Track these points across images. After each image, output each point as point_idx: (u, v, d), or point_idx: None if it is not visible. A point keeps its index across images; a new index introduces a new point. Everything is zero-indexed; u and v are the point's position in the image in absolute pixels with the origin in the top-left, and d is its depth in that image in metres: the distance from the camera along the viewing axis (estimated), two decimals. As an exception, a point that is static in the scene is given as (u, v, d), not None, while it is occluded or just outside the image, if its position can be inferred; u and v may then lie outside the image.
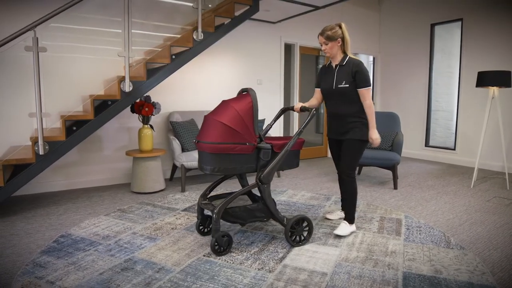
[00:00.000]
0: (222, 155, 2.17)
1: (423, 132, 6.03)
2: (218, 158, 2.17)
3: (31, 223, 2.79)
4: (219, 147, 2.14)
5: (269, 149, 2.30)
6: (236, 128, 2.18)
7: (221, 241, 2.25)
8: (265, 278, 1.97)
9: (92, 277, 1.96)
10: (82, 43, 3.70)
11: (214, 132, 2.16)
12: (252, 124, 2.24)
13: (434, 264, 2.15)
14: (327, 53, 2.60)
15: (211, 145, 2.14)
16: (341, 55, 2.59)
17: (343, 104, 2.56)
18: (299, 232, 2.43)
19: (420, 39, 5.96)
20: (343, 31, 2.55)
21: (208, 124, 2.22)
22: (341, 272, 2.04)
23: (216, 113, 2.23)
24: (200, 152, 2.26)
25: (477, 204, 3.40)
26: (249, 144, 2.23)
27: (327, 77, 2.63)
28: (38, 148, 2.83)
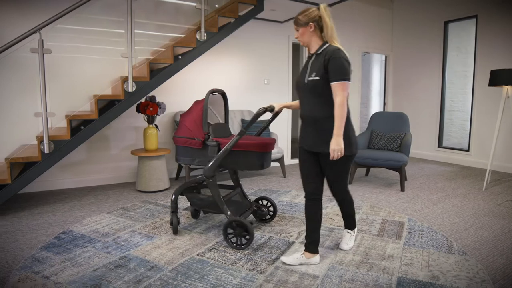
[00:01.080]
0: (182, 148, 2.63)
1: (436, 132, 5.84)
2: (181, 150, 2.65)
3: (36, 219, 2.88)
4: (178, 140, 2.63)
5: (214, 146, 2.48)
6: (189, 126, 2.59)
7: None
8: (254, 279, 1.96)
9: (86, 273, 2.01)
10: (89, 44, 3.79)
11: (179, 129, 2.65)
12: (201, 123, 2.53)
13: (432, 270, 2.08)
14: (301, 42, 2.12)
15: (175, 138, 2.65)
16: (318, 43, 2.07)
17: (316, 104, 2.05)
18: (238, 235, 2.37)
19: (433, 37, 5.77)
20: (321, 14, 2.03)
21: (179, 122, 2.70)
22: (333, 276, 2.00)
23: (183, 114, 2.69)
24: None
25: (486, 208, 3.26)
26: (197, 139, 2.54)
27: (302, 70, 2.14)
28: (43, 147, 2.93)
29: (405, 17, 6.25)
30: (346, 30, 5.94)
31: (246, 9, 3.87)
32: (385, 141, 4.24)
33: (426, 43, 5.89)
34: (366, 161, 4.03)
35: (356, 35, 6.07)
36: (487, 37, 5.01)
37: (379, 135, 4.33)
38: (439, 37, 5.69)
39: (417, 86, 6.11)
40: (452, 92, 5.99)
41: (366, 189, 3.93)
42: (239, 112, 4.79)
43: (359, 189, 3.93)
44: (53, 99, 3.59)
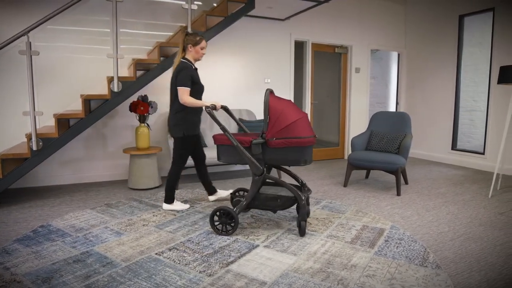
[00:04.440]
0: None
1: (450, 134, 5.44)
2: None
3: (23, 213, 3.05)
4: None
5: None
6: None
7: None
8: (200, 282, 1.92)
9: (44, 266, 2.08)
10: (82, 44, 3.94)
11: (310, 126, 2.60)
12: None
13: (393, 284, 1.92)
14: (201, 57, 3.04)
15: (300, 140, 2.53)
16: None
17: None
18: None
19: (448, 33, 5.38)
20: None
21: (307, 122, 2.57)
22: (282, 283, 1.92)
23: (301, 112, 2.59)
24: (310, 147, 2.56)
25: (485, 217, 2.97)
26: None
27: (198, 77, 2.99)
28: (32, 144, 3.09)
29: (419, 12, 5.88)
30: (353, 26, 5.71)
31: (237, 8, 3.83)
32: (384, 143, 4.01)
33: (440, 39, 5.51)
34: (362, 163, 3.84)
35: (366, 31, 5.82)
36: (505, 32, 4.58)
37: (378, 136, 4.11)
38: (454, 32, 5.29)
39: (431, 84, 5.73)
40: (474, 91, 5.55)
41: (359, 193, 3.74)
42: (237, 111, 4.76)
43: (353, 192, 3.75)
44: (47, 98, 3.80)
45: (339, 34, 5.60)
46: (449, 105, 5.46)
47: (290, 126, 2.47)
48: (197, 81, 2.93)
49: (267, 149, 2.55)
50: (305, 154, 2.53)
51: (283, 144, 2.48)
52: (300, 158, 2.52)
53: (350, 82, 5.83)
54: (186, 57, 2.96)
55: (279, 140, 2.49)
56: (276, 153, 2.55)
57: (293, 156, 2.52)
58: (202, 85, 3.01)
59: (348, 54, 5.81)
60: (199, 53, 2.96)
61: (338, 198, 3.56)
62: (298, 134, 2.47)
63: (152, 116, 4.34)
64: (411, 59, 6.09)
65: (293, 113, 2.51)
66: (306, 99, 5.53)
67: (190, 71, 2.86)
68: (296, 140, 2.46)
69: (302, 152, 2.51)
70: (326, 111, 5.96)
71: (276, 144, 2.49)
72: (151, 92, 4.30)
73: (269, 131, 2.50)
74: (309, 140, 2.49)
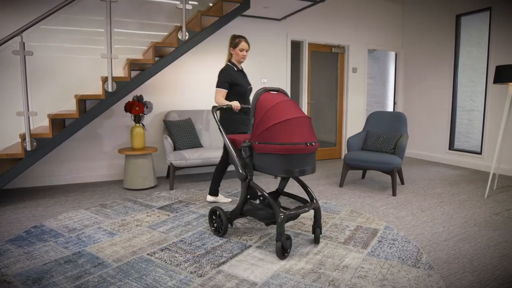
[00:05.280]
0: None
1: (447, 134, 5.43)
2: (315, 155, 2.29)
3: (17, 213, 3.04)
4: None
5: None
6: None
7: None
8: (190, 283, 1.91)
9: (35, 267, 2.07)
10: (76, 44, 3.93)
11: (313, 130, 2.24)
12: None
13: (384, 285, 1.91)
14: (244, 59, 3.08)
15: (318, 143, 2.22)
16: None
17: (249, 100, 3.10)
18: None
19: (445, 32, 5.37)
20: None
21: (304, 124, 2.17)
22: (273, 284, 1.91)
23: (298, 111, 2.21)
24: (304, 155, 2.13)
25: (480, 217, 2.96)
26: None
27: (242, 79, 3.06)
28: (26, 144, 3.08)
29: (417, 11, 5.87)
30: (350, 26, 5.70)
31: (232, 7, 3.82)
32: (380, 143, 4.00)
33: (438, 38, 5.50)
34: (357, 163, 3.83)
35: (363, 31, 5.81)
36: (502, 31, 4.57)
37: (374, 136, 4.10)
38: (451, 32, 5.28)
39: (429, 84, 5.72)
40: (472, 91, 5.53)
41: (354, 193, 3.73)
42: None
43: (348, 193, 3.74)
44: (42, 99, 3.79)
45: (336, 34, 5.59)
46: (446, 105, 5.45)
47: (274, 128, 2.11)
48: (238, 82, 2.98)
49: (254, 154, 2.28)
50: (293, 164, 2.11)
51: (264, 150, 2.16)
52: (285, 168, 2.12)
53: (347, 82, 5.82)
54: (231, 60, 3.08)
55: (261, 144, 2.18)
56: (260, 159, 2.23)
57: (278, 164, 2.13)
58: (245, 86, 3.04)
59: (345, 54, 5.80)
60: (239, 55, 3.01)
61: (334, 198, 3.55)
62: (281, 139, 2.08)
63: (147, 116, 4.33)
64: (409, 59, 6.07)
65: (284, 112, 2.13)
66: (303, 99, 5.51)
67: (228, 73, 2.96)
68: (280, 146, 2.07)
69: (289, 161, 2.10)
70: (323, 111, 5.95)
71: (259, 149, 2.20)
72: (146, 92, 4.30)
73: (253, 133, 2.24)
74: (296, 147, 2.07)
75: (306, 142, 2.11)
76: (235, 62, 3.07)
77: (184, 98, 4.62)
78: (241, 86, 3.00)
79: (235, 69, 3.04)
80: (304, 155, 2.13)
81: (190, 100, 4.66)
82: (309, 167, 2.18)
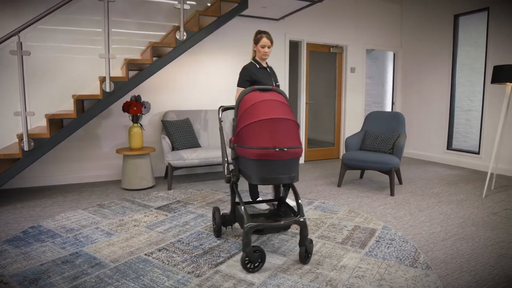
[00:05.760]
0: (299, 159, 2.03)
1: (445, 134, 5.44)
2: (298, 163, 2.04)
3: (15, 214, 3.03)
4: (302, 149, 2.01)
5: None
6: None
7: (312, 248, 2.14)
8: (187, 283, 1.91)
9: (32, 267, 2.07)
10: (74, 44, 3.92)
11: (294, 134, 1.96)
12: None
13: (382, 285, 1.91)
14: (266, 56, 2.87)
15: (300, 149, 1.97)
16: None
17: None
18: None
19: (443, 32, 5.38)
20: None
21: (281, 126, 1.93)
22: (270, 284, 1.91)
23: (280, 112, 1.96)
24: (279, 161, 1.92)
25: (478, 217, 2.97)
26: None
27: (264, 76, 2.86)
28: (23, 145, 3.07)
29: (415, 11, 5.88)
30: (349, 26, 5.70)
31: (230, 7, 3.81)
32: (378, 143, 4.01)
33: (436, 38, 5.51)
34: (355, 163, 3.83)
35: (361, 31, 5.81)
36: (499, 31, 4.58)
37: (372, 136, 4.10)
38: (449, 32, 5.29)
39: (427, 84, 5.73)
40: (470, 90, 5.54)
41: (353, 193, 3.73)
42: (231, 112, 4.75)
43: (346, 193, 3.74)
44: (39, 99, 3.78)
45: (334, 34, 5.60)
46: (444, 105, 5.46)
47: (246, 129, 1.93)
48: (259, 80, 2.80)
49: (239, 157, 2.13)
50: (265, 171, 1.91)
51: (241, 153, 2.02)
52: (258, 175, 1.93)
53: (346, 82, 5.82)
54: (255, 57, 2.90)
55: (237, 147, 2.04)
56: (241, 163, 2.08)
57: (252, 170, 1.95)
58: (268, 84, 2.80)
59: (343, 54, 5.81)
60: (260, 52, 2.83)
61: (332, 198, 3.55)
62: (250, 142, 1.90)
63: (145, 116, 4.32)
64: (407, 58, 6.08)
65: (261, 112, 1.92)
66: (301, 99, 5.51)
67: (248, 71, 2.82)
68: (250, 151, 1.90)
69: (261, 168, 1.91)
70: (322, 111, 5.95)
71: (238, 152, 2.06)
72: (144, 92, 4.29)
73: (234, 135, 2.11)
74: (265, 152, 1.86)
75: (275, 146, 1.87)
76: (258, 59, 2.89)
77: (182, 98, 4.61)
78: (262, 84, 2.76)
79: (257, 66, 2.86)
80: (278, 162, 1.90)
81: (188, 100, 4.66)
82: (284, 175, 1.93)
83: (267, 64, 2.96)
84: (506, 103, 3.47)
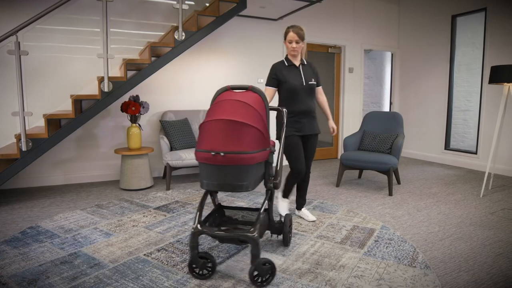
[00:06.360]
0: (252, 167, 1.78)
1: (443, 134, 5.46)
2: (250, 171, 1.78)
3: (13, 214, 3.02)
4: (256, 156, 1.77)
5: (273, 152, 2.07)
6: (262, 129, 1.83)
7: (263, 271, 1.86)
8: (186, 283, 1.91)
9: (31, 268, 2.06)
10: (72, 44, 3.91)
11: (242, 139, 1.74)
12: (268, 124, 1.96)
13: (381, 284, 1.92)
14: (295, 52, 2.66)
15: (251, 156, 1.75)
16: (300, 55, 2.74)
17: (311, 100, 2.77)
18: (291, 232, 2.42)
19: (440, 33, 5.40)
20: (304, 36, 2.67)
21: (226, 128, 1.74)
22: (270, 284, 1.91)
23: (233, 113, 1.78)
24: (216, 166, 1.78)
25: (475, 217, 2.98)
26: (268, 149, 1.93)
27: (293, 75, 2.69)
28: (21, 145, 3.06)
29: (412, 12, 5.89)
30: (347, 26, 5.72)
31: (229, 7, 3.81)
32: (376, 143, 4.02)
33: (433, 39, 5.53)
34: (354, 163, 3.84)
35: (359, 31, 5.82)
36: (497, 31, 4.60)
37: (370, 136, 4.12)
38: (446, 32, 5.31)
39: (425, 84, 5.75)
40: (468, 91, 5.57)
41: (351, 193, 3.74)
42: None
43: (344, 193, 3.75)
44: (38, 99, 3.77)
45: (332, 34, 5.61)
46: (442, 105, 5.48)
47: (199, 130, 1.84)
48: (284, 79, 2.63)
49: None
50: (205, 175, 1.84)
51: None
52: (200, 179, 1.89)
53: (344, 82, 5.83)
54: (287, 54, 2.73)
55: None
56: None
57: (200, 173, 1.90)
58: (294, 83, 2.63)
59: (341, 54, 5.82)
60: (288, 48, 2.64)
61: (330, 198, 3.56)
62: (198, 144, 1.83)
63: (143, 116, 4.32)
64: (405, 59, 6.10)
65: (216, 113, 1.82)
66: (300, 99, 5.52)
67: (274, 69, 2.68)
68: (195, 152, 1.84)
69: (202, 172, 1.85)
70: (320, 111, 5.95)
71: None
72: (142, 92, 4.28)
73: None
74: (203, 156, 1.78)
75: (211, 150, 1.74)
76: (289, 56, 2.71)
77: (181, 98, 4.61)
78: (287, 83, 2.62)
79: (286, 64, 2.68)
80: (217, 167, 1.76)
81: (187, 100, 4.65)
82: (223, 183, 1.78)
83: (302, 62, 2.72)
84: (503, 103, 3.49)
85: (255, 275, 1.85)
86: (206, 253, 1.96)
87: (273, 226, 2.29)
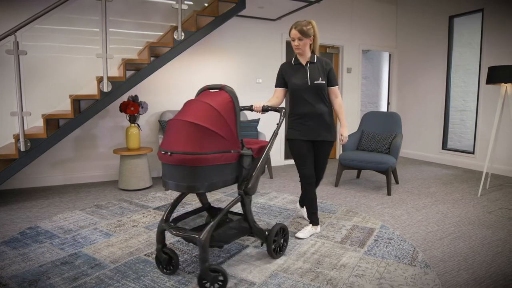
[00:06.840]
0: (206, 168, 1.77)
1: (440, 134, 5.50)
2: (203, 172, 1.77)
3: (11, 214, 3.00)
4: (207, 157, 1.75)
5: (250, 154, 1.98)
6: (220, 132, 1.80)
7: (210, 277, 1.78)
8: (188, 283, 1.91)
9: (31, 269, 2.05)
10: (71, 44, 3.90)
11: (190, 140, 1.74)
12: (235, 126, 1.90)
13: (382, 283, 1.93)
14: (299, 49, 2.49)
15: (200, 157, 1.73)
16: (309, 53, 2.53)
17: (320, 101, 2.53)
18: (278, 243, 2.23)
19: (438, 33, 5.44)
20: (314, 30, 2.48)
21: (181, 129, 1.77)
22: (271, 283, 1.92)
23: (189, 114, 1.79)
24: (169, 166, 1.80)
25: (474, 216, 3.01)
26: (233, 151, 1.88)
27: (298, 74, 2.52)
28: (20, 145, 3.04)
29: (410, 12, 5.93)
30: (345, 26, 5.74)
31: (228, 7, 3.82)
32: (375, 142, 4.04)
33: (431, 39, 5.57)
34: (352, 163, 3.86)
35: (357, 31, 5.85)
36: (494, 32, 4.64)
37: (369, 136, 4.14)
38: (444, 33, 5.35)
39: (422, 84, 5.79)
40: (465, 91, 5.61)
41: (350, 193, 3.76)
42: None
43: (343, 192, 3.77)
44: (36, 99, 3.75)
45: (330, 35, 5.62)
46: (439, 105, 5.52)
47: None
48: (287, 78, 2.54)
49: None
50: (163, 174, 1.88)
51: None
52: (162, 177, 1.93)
53: (342, 82, 5.85)
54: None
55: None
56: None
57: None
58: (296, 83, 2.49)
59: (339, 54, 5.84)
60: (293, 46, 2.50)
61: (329, 198, 3.57)
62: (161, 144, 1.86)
63: (142, 116, 4.31)
64: (402, 59, 6.14)
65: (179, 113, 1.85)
66: (299, 99, 5.53)
67: (280, 69, 2.60)
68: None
69: (164, 170, 1.88)
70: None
71: None
72: (141, 92, 4.28)
73: None
74: (159, 154, 1.82)
75: (163, 149, 1.78)
76: (297, 55, 2.57)
77: (180, 98, 4.60)
78: (290, 83, 2.52)
79: (293, 63, 2.56)
80: (168, 166, 1.81)
81: (186, 100, 4.64)
82: (172, 181, 1.80)
83: (312, 59, 2.52)
84: (500, 103, 3.52)
85: (204, 282, 1.79)
86: (170, 249, 2.00)
87: (260, 234, 2.13)
